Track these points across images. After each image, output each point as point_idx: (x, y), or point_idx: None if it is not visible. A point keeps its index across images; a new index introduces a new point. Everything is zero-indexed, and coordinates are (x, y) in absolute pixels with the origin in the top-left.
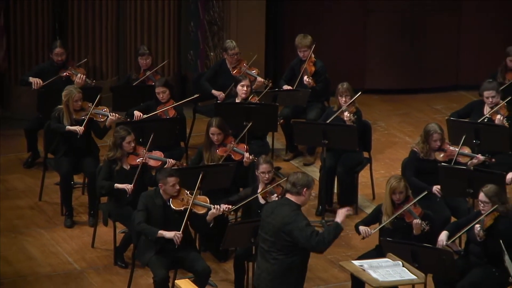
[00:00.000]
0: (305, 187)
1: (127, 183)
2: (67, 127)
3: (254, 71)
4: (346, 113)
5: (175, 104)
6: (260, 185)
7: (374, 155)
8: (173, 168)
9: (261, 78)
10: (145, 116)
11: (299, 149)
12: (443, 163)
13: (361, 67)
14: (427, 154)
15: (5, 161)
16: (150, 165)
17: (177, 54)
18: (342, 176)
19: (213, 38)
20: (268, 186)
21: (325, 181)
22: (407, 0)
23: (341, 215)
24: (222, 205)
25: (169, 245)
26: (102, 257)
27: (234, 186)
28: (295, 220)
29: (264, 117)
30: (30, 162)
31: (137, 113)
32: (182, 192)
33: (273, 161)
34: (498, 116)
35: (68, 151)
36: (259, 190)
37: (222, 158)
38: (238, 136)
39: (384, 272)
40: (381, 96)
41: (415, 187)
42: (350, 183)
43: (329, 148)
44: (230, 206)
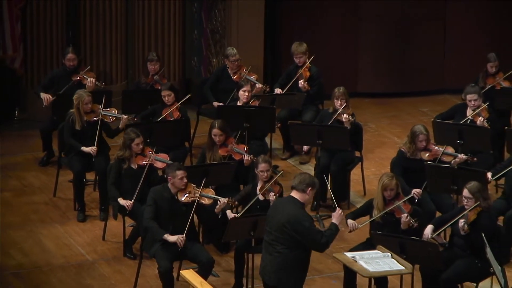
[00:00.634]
0: (310, 187)
1: (135, 181)
2: (82, 148)
3: (254, 77)
4: (345, 115)
5: (177, 105)
6: (259, 183)
7: (365, 154)
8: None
9: (260, 84)
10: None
11: (296, 149)
12: (429, 162)
13: (353, 72)
14: (414, 154)
15: (22, 160)
16: (156, 167)
17: (182, 60)
18: (336, 174)
19: (215, 46)
20: (267, 184)
21: (320, 179)
22: (396, 10)
23: (338, 218)
24: (226, 199)
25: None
26: (112, 249)
27: (236, 184)
28: (301, 220)
29: (263, 119)
30: (45, 161)
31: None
32: (189, 186)
33: (271, 160)
34: (480, 118)
35: (81, 151)
36: (258, 188)
37: (225, 158)
38: (240, 138)
39: (374, 263)
40: (372, 99)
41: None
42: (343, 180)
43: (323, 148)
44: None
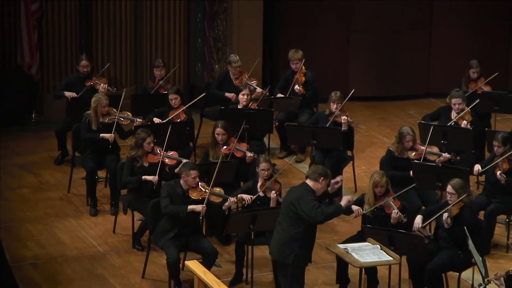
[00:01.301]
0: (322, 177)
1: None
2: (101, 135)
3: (254, 82)
4: (344, 117)
5: (186, 106)
6: (260, 180)
7: (356, 154)
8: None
9: (260, 89)
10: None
11: (292, 148)
12: (415, 161)
13: (345, 78)
14: (401, 153)
15: (39, 159)
16: (167, 163)
17: (187, 66)
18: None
19: (218, 53)
20: (267, 182)
21: None
22: (384, 21)
23: (345, 200)
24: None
25: (185, 230)
26: (122, 241)
27: (237, 180)
28: (304, 195)
29: (262, 121)
30: (60, 160)
31: (157, 120)
32: (200, 184)
33: (270, 160)
34: (464, 122)
35: (94, 150)
36: (259, 185)
37: (228, 156)
38: (240, 137)
39: (365, 254)
40: (362, 103)
41: (397, 178)
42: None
43: (318, 147)
44: (249, 197)
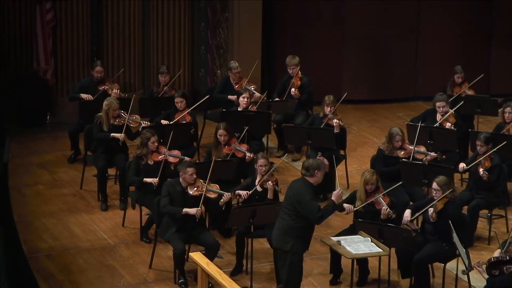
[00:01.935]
0: (316, 169)
1: (152, 176)
2: (112, 134)
3: (253, 87)
4: (335, 120)
5: (191, 109)
6: (258, 176)
7: (349, 153)
8: (191, 161)
9: (258, 93)
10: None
11: (289, 148)
12: (404, 159)
13: (338, 82)
14: (391, 152)
15: (54, 158)
16: (170, 161)
17: (191, 72)
18: None
19: (219, 59)
20: (265, 177)
21: None
22: (376, 29)
23: (337, 196)
24: (232, 193)
25: (188, 224)
26: (131, 234)
27: (237, 178)
28: (304, 193)
29: (260, 122)
30: (73, 158)
31: (164, 121)
32: (198, 181)
33: (267, 157)
34: (448, 124)
35: (104, 150)
36: (257, 180)
37: (229, 155)
38: (240, 138)
39: (357, 246)
40: (354, 105)
41: (390, 174)
42: (330, 176)
43: (313, 147)
44: (245, 192)
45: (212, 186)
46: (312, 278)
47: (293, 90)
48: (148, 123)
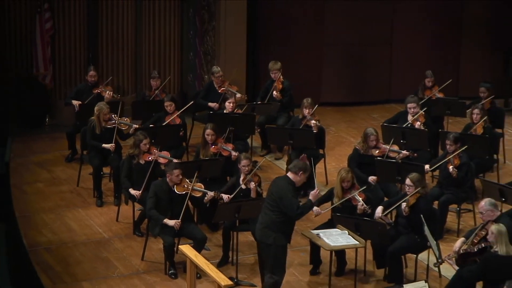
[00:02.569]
0: (302, 170)
1: (142, 174)
2: (103, 145)
3: (235, 88)
4: (313, 121)
5: (179, 112)
6: (242, 175)
7: (327, 152)
8: (177, 162)
9: (239, 94)
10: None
11: (271, 148)
12: (379, 157)
13: (318, 85)
14: (366, 151)
15: (52, 157)
16: (160, 162)
17: (180, 77)
18: None
19: (207, 65)
20: (248, 176)
21: None
22: (352, 36)
23: (315, 196)
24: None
25: (173, 219)
26: (124, 228)
27: (224, 175)
28: (286, 191)
29: (245, 124)
30: (70, 158)
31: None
32: (184, 180)
33: (251, 157)
34: (418, 123)
35: (99, 150)
36: (241, 179)
37: (216, 155)
38: (226, 138)
39: (335, 239)
40: (333, 108)
41: (357, 176)
42: (310, 173)
43: (294, 147)
44: (227, 196)
45: (197, 185)
46: (293, 269)
47: (275, 93)
48: (137, 126)
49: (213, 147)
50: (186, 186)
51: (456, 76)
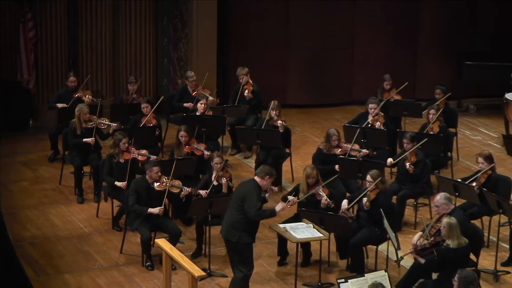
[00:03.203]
0: (268, 175)
1: (123, 172)
2: (84, 140)
3: (207, 92)
4: (279, 122)
5: (152, 111)
6: (214, 172)
7: (293, 151)
8: (157, 160)
9: (212, 97)
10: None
11: (241, 147)
12: (341, 156)
13: (284, 88)
14: (329, 150)
15: (36, 157)
16: (139, 160)
17: (155, 81)
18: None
19: (180, 70)
20: (220, 172)
21: None
22: (316, 41)
23: (280, 207)
24: (189, 188)
25: (153, 215)
26: (104, 224)
27: (197, 173)
28: (251, 193)
29: (216, 125)
30: (53, 158)
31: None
32: (162, 177)
33: (222, 156)
34: (378, 123)
35: (80, 150)
36: (213, 176)
37: (189, 154)
38: (198, 138)
39: (300, 232)
40: (298, 109)
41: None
42: (277, 171)
43: (262, 146)
44: (205, 191)
45: (175, 182)
46: (262, 260)
47: (246, 92)
48: (116, 124)
49: (187, 147)
50: (165, 183)
51: (413, 79)
